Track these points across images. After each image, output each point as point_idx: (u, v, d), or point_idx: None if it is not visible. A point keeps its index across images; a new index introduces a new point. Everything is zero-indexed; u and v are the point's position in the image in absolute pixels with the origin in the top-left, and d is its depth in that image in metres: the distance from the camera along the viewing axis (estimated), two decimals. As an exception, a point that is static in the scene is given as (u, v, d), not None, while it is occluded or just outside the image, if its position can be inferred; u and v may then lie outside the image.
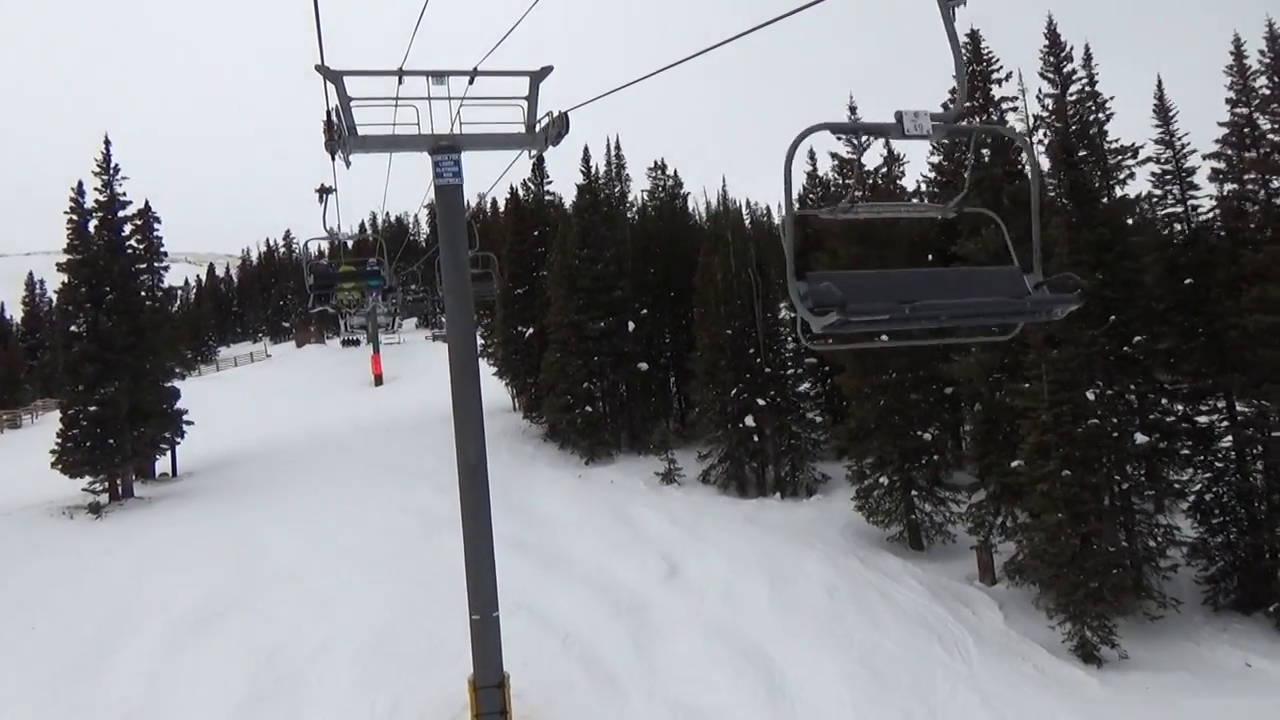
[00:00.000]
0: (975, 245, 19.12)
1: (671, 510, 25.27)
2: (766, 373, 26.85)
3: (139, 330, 30.92)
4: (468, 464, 14.92)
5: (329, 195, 19.30)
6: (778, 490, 26.64)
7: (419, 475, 31.00)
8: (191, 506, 29.15)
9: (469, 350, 14.29)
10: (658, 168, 39.98)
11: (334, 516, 26.21)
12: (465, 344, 14.28)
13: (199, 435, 38.05)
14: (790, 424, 26.50)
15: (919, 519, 21.55)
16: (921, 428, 21.56)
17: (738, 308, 27.38)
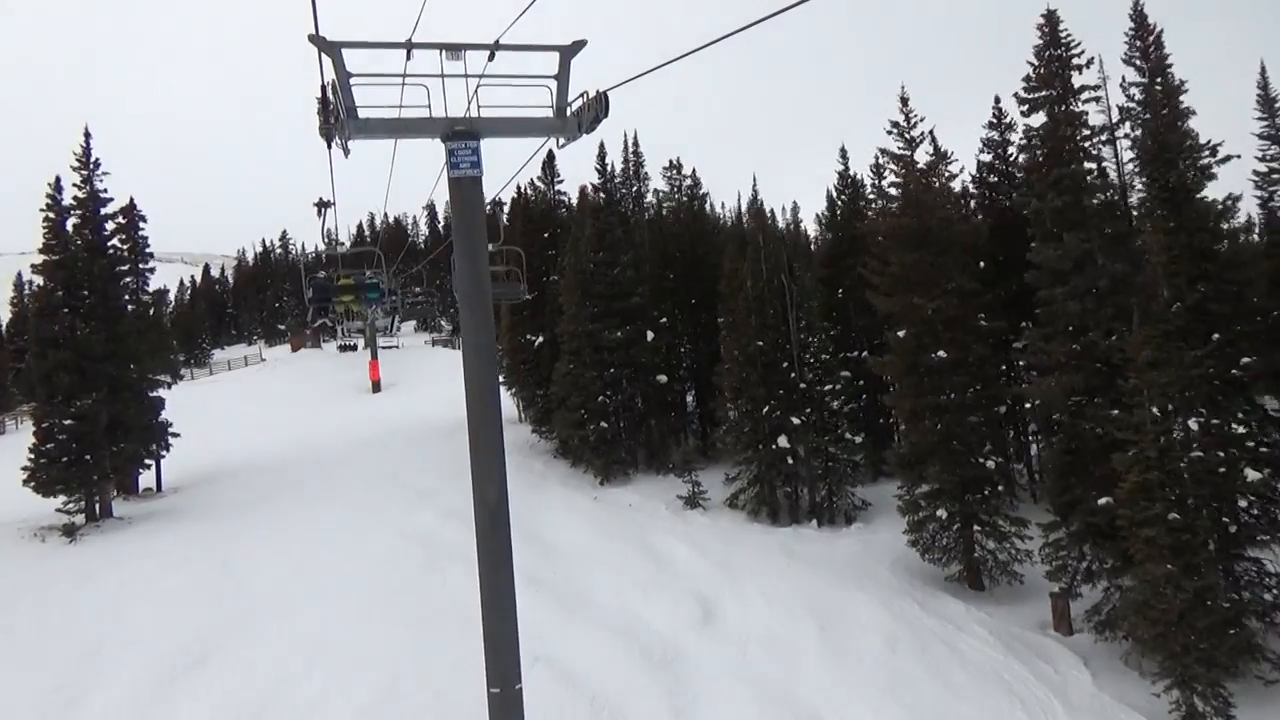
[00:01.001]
0: (1055, 251, 16.97)
1: (699, 540, 23.05)
2: (801, 388, 24.65)
3: (119, 337, 28.65)
4: (486, 507, 12.55)
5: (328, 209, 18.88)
6: (813, 517, 24.44)
7: (421, 496, 28.77)
8: (174, 529, 26.85)
9: (488, 373, 12.04)
10: (673, 167, 37.81)
11: (328, 543, 23.94)
12: (484, 366, 12.02)
13: (188, 445, 35.71)
14: (827, 445, 24.30)
15: (981, 557, 19.35)
16: (983, 454, 19.38)
17: (770, 318, 25.19)
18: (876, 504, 24.61)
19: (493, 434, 12.10)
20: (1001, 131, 25.18)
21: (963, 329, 19.99)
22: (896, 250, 20.39)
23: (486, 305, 11.58)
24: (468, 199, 11.61)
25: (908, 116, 21.06)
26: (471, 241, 11.21)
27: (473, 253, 11.36)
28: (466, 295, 11.29)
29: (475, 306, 11.44)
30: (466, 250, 11.20)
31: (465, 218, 11.35)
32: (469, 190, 11.63)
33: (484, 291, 11.48)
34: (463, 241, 11.06)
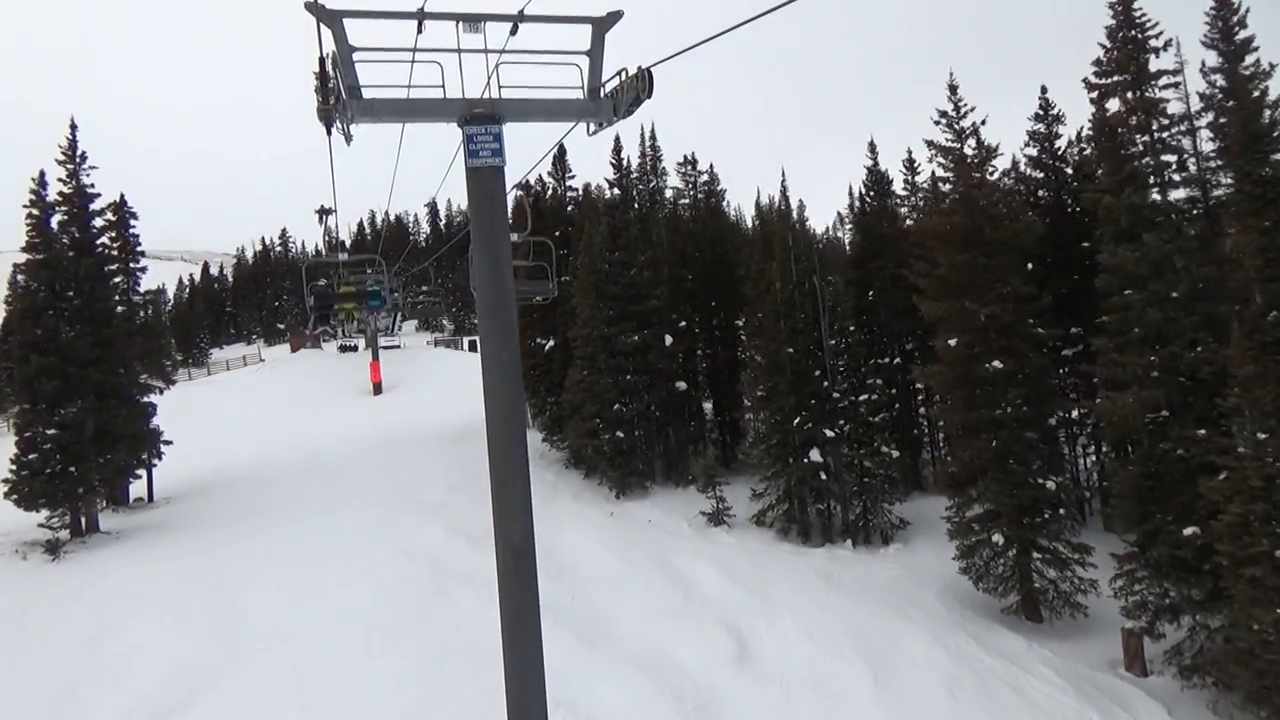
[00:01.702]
0: (1132, 253, 15.30)
1: (726, 562, 21.40)
2: (834, 398, 23.01)
3: (107, 341, 27.02)
4: (510, 548, 10.91)
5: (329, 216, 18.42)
6: (847, 536, 22.80)
7: (427, 509, 27.15)
8: (163, 546, 25.21)
9: (511, 393, 10.38)
10: (688, 162, 36.12)
11: (328, 564, 22.30)
12: (507, 385, 10.37)
13: (183, 451, 34.05)
14: (862, 459, 22.65)
15: (1041, 587, 17.70)
16: (1041, 473, 17.73)
17: (800, 322, 23.54)
18: (916, 522, 22.98)
19: (517, 463, 10.28)
20: (1048, 124, 23.53)
21: (1017, 336, 18.35)
22: (945, 251, 18.74)
23: (510, 315, 9.81)
24: (488, 192, 9.82)
25: (957, 106, 19.39)
26: (493, 240, 9.50)
27: (494, 253, 9.64)
28: (488, 303, 9.54)
29: (497, 316, 9.69)
30: (487, 250, 9.48)
31: (486, 213, 9.61)
32: (489, 182, 9.82)
33: (507, 299, 9.71)
34: (483, 240, 9.36)
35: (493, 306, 10.21)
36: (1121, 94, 16.26)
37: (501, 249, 9.98)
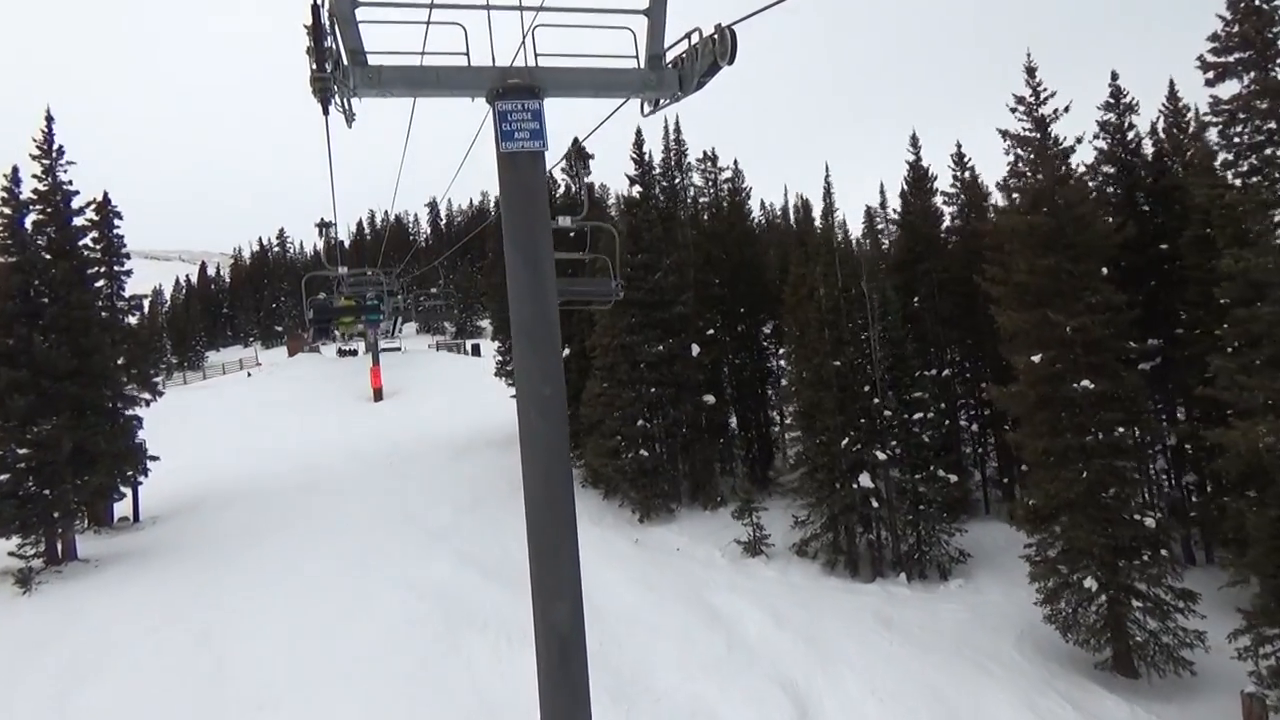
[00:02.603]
0: (1265, 261, 13.08)
1: (770, 601, 19.20)
2: (886, 416, 20.80)
3: (85, 351, 24.77)
4: (555, 636, 8.68)
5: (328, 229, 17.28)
6: (901, 570, 20.59)
7: (434, 535, 24.95)
8: (145, 579, 22.98)
9: (556, 438, 8.17)
10: (708, 159, 33.86)
11: (325, 603, 20.09)
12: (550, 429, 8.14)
13: (173, 465, 32.03)
14: (918, 484, 20.43)
15: (1139, 639, 15.47)
16: (1139, 509, 15.53)
17: (848, 332, 21.33)
18: (978, 554, 20.79)
19: (563, 528, 7.95)
20: (1120, 113, 21.32)
21: (1108, 352, 16.14)
22: (1025, 254, 16.51)
23: (552, 337, 7.48)
24: (525, 183, 7.41)
25: (1035, 90, 17.18)
26: (531, 242, 7.29)
27: (533, 259, 7.34)
28: (525, 321, 7.22)
29: (536, 337, 7.34)
30: (524, 254, 7.22)
31: (522, 209, 7.42)
32: (527, 170, 7.40)
33: (548, 315, 7.36)
34: (519, 242, 7.41)
35: (531, 325, 7.85)
36: (1246, 73, 14.09)
37: (542, 253, 7.66)
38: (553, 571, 7.69)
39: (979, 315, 24.91)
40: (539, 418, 8.22)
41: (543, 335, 8.12)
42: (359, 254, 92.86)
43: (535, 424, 8.23)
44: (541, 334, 8.09)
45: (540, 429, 8.19)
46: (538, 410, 8.25)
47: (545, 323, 8.20)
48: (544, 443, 8.22)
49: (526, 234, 7.96)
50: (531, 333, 8.03)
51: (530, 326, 8.04)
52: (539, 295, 8.15)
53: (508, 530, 25.42)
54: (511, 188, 8.06)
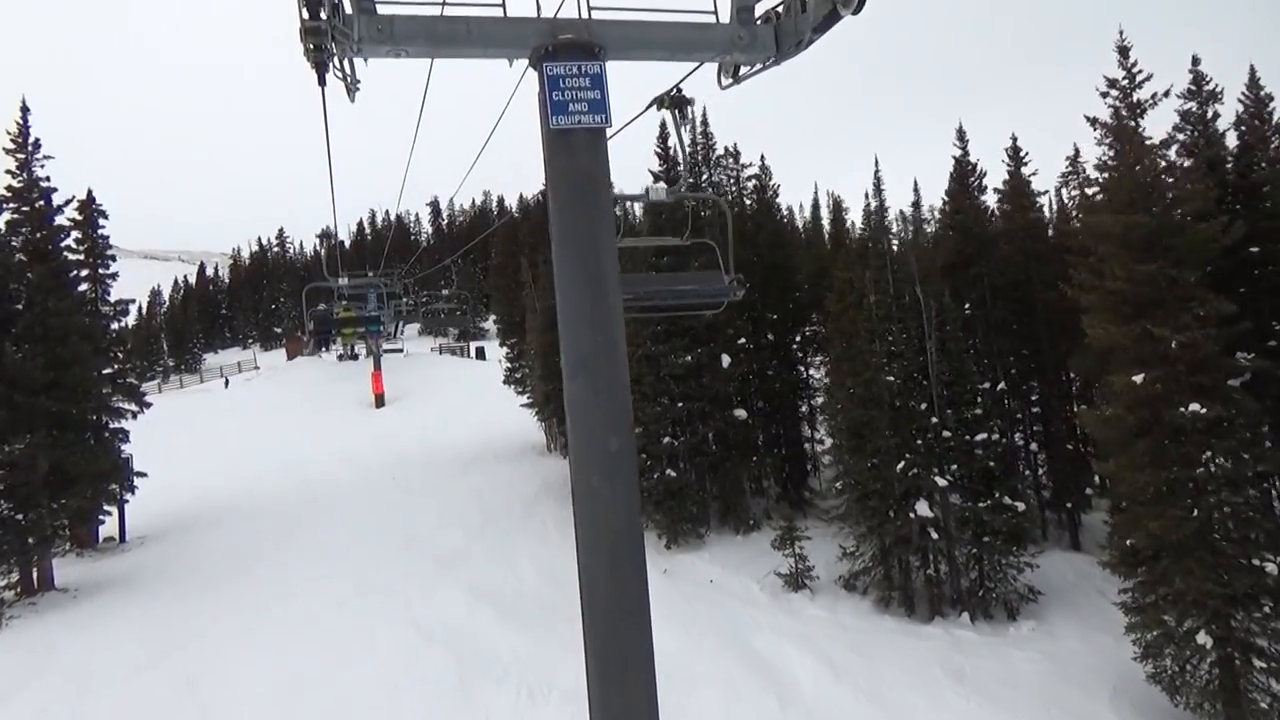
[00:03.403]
0: None
1: (821, 645, 17.15)
2: (946, 438, 18.76)
3: (63, 363, 22.74)
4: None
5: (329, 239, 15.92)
6: (962, 608, 18.54)
7: (444, 563, 22.91)
8: (127, 612, 20.96)
9: (627, 511, 6.12)
10: (729, 154, 31.78)
11: (322, 642, 18.05)
12: (619, 497, 6.07)
13: (164, 478, 30.09)
14: (982, 513, 18.39)
15: (1262, 706, 13.44)
16: (1259, 554, 13.50)
17: (903, 343, 19.30)
18: (1049, 592, 18.73)
19: (636, 641, 5.99)
20: (1202, 101, 19.27)
21: (1219, 371, 14.11)
22: (1121, 258, 14.46)
23: (620, 375, 5.66)
24: (582, 170, 5.63)
25: (1130, 73, 15.16)
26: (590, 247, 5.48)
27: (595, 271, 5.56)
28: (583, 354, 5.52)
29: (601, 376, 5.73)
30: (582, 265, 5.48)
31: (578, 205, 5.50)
32: (585, 153, 5.61)
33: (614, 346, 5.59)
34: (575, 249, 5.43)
35: (591, 359, 5.89)
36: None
37: (605, 264, 5.76)
38: (621, 697, 5.59)
39: (1037, 323, 22.94)
40: (603, 482, 6.13)
41: (607, 372, 6.04)
42: (359, 254, 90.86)
43: (598, 490, 6.13)
44: (605, 370, 6.01)
45: (605, 497, 6.09)
46: (601, 472, 6.16)
47: (610, 355, 6.10)
48: (609, 516, 6.14)
49: (585, 237, 5.87)
50: (592, 368, 5.93)
51: (590, 360, 5.92)
52: (602, 319, 6.05)
53: (523, 556, 23.44)
54: (564, 176, 6.00)
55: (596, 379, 5.97)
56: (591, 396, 5.96)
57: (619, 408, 6.17)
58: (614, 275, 6.20)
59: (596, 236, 6.03)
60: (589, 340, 6.03)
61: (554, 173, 6.26)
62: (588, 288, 6.02)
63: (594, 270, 6.05)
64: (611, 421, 6.05)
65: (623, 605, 5.93)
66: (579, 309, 6.06)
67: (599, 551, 6.02)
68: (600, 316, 6.14)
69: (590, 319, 6.07)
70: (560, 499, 28.59)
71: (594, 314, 6.10)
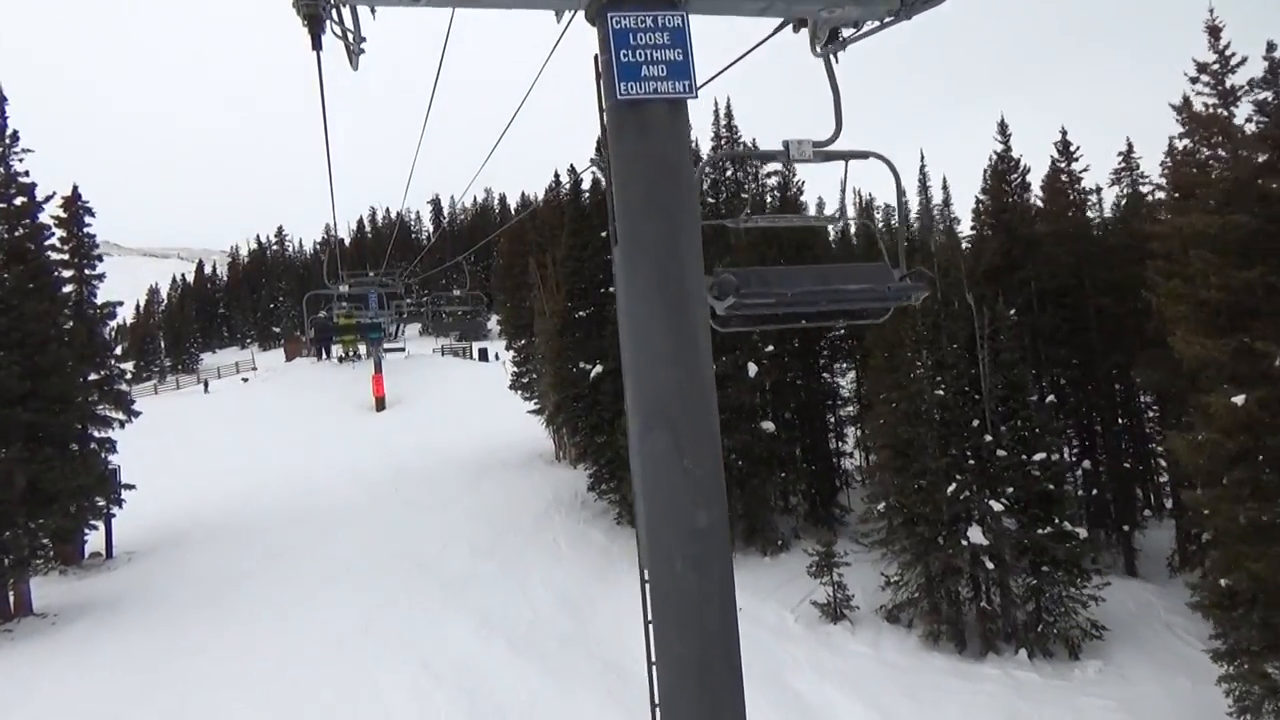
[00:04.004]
0: None
1: (869, 687, 15.57)
2: (1001, 458, 17.17)
3: (41, 372, 21.16)
4: None
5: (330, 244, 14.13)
6: (1018, 645, 16.96)
7: (450, 587, 21.36)
8: (108, 642, 19.44)
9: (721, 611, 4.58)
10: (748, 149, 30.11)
11: (318, 681, 16.49)
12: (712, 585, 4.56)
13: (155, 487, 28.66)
14: (1043, 541, 16.79)
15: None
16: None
17: (951, 354, 17.71)
18: (1116, 628, 17.14)
19: None
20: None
21: (1329, 391, 12.52)
22: (1216, 263, 12.87)
23: (710, 425, 4.23)
24: (660, 153, 4.18)
25: (1223, 56, 13.59)
26: (671, 255, 4.06)
27: (678, 287, 4.12)
28: (660, 395, 4.16)
29: (684, 423, 4.17)
30: (661, 279, 4.08)
31: (655, 195, 4.08)
32: (662, 132, 4.18)
33: (702, 387, 4.20)
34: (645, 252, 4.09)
35: (668, 402, 4.66)
36: None
37: (690, 278, 4.19)
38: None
39: (1089, 331, 21.37)
40: (688, 569, 4.67)
41: (695, 424, 4.47)
42: (359, 253, 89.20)
43: (682, 580, 4.66)
44: (693, 422, 4.44)
45: (691, 589, 4.60)
46: (686, 556, 4.70)
47: (699, 402, 4.59)
48: (698, 615, 4.62)
49: (663, 243, 4.19)
50: (675, 419, 4.40)
51: (672, 408, 4.46)
52: (688, 353, 4.57)
53: (535, 578, 21.88)
54: (634, 163, 4.44)
55: (681, 434, 4.44)
56: (674, 457, 4.44)
57: (709, 471, 4.62)
58: (701, 294, 4.65)
59: (678, 242, 4.50)
60: (670, 382, 4.47)
61: (620, 159, 4.67)
62: (667, 311, 4.47)
63: (676, 288, 4.51)
64: (701, 490, 4.55)
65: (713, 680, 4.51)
66: (655, 340, 4.50)
67: (684, 665, 4.51)
68: (685, 349, 4.59)
69: (673, 354, 4.52)
70: (572, 513, 27.05)
71: (677, 347, 4.55)
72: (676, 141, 4.62)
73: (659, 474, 4.40)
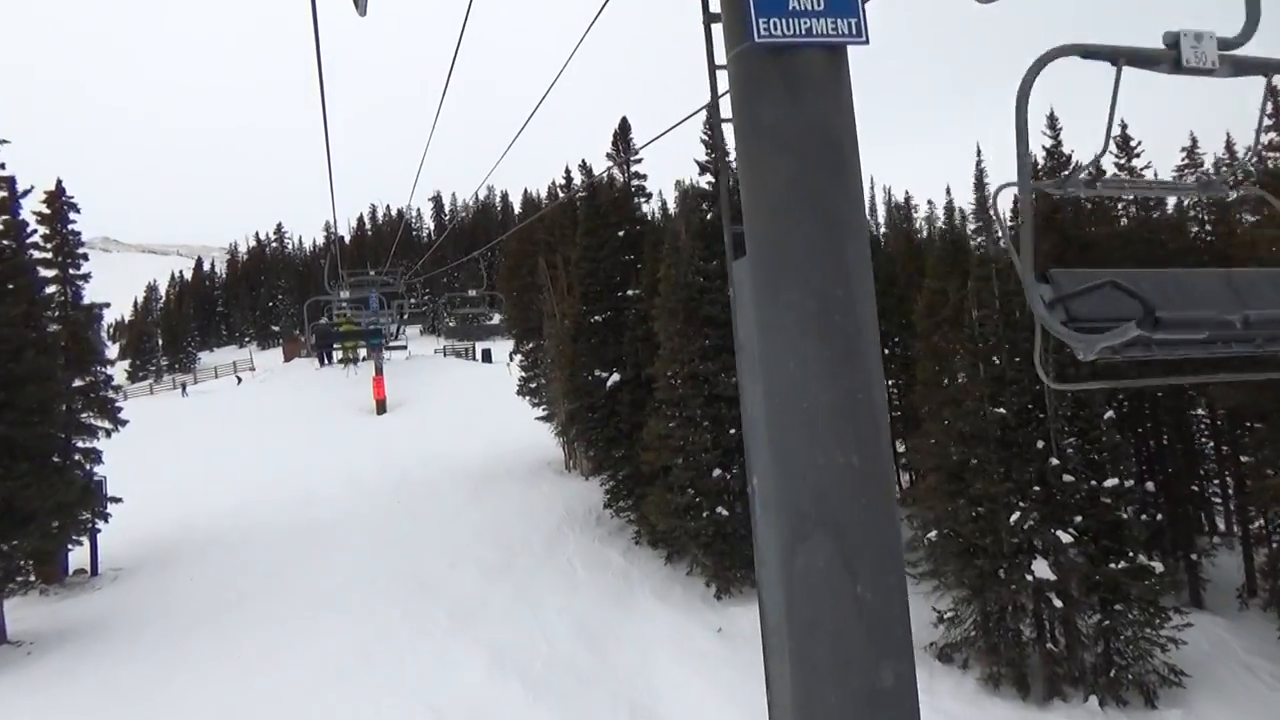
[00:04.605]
0: None
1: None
2: (1068, 483, 15.58)
3: (15, 381, 19.55)
4: None
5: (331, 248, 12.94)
6: (1086, 690, 15.38)
7: (457, 613, 19.78)
8: (86, 675, 17.85)
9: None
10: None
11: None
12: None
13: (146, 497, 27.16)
14: (1118, 577, 15.21)
15: None
16: None
17: (1012, 369, 16.11)
18: (1196, 673, 15.53)
19: None
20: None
21: None
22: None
23: (888, 511, 2.84)
24: (816, 122, 2.88)
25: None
26: (834, 260, 2.78)
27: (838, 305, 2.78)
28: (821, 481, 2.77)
29: (860, 512, 2.79)
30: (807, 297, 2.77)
31: (809, 182, 2.79)
32: (819, 92, 2.90)
33: (877, 449, 2.82)
34: (791, 264, 2.79)
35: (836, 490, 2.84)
36: None
37: (857, 290, 2.79)
38: None
39: (1152, 342, 19.71)
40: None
41: (870, 526, 2.68)
42: (359, 251, 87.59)
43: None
44: (867, 518, 2.70)
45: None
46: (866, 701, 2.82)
47: (875, 489, 2.82)
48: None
49: (824, 252, 2.76)
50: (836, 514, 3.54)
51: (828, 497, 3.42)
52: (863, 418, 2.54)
53: (549, 606, 20.27)
54: (775, 137, 2.97)
55: (851, 544, 2.85)
56: (841, 580, 2.92)
57: (892, 600, 3.08)
58: (873, 332, 3.09)
59: (844, 252, 2.94)
60: (834, 463, 2.89)
61: (751, 131, 3.11)
62: (829, 358, 2.90)
63: (843, 322, 2.96)
64: (882, 629, 3.00)
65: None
66: (808, 399, 2.93)
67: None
68: (857, 415, 3.03)
69: (838, 420, 2.96)
70: (586, 530, 25.45)
71: (845, 411, 2.95)
72: (838, 106, 3.05)
73: (818, 605, 2.92)
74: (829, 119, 2.89)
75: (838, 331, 2.80)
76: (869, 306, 2.87)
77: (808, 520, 2.82)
